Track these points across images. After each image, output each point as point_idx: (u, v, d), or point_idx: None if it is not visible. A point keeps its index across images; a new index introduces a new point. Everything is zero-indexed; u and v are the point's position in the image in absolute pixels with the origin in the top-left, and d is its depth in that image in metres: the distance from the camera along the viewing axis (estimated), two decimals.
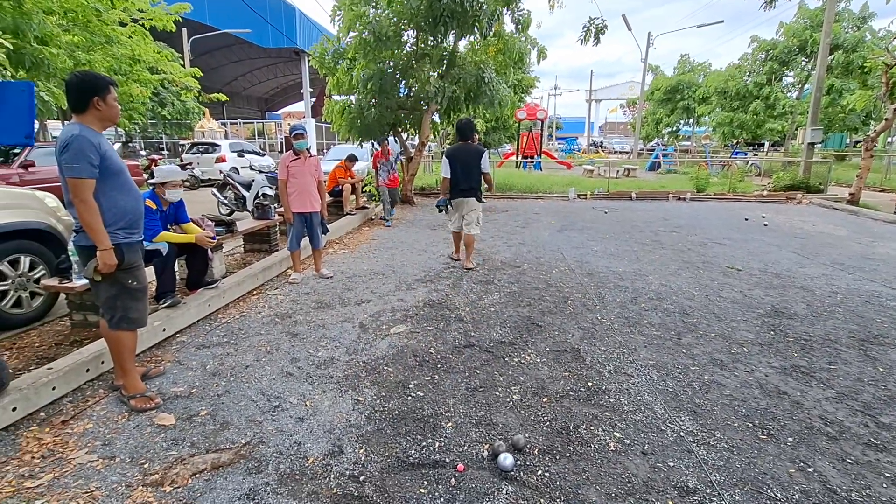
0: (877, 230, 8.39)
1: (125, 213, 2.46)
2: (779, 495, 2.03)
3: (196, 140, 17.12)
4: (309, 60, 9.84)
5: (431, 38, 8.91)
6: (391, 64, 9.00)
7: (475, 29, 8.26)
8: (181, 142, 19.15)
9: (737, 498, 2.02)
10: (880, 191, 14.83)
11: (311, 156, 4.95)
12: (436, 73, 8.60)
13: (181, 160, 14.32)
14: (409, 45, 9.25)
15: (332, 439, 2.37)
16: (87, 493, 1.98)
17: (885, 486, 2.10)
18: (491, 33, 8.59)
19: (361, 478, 2.10)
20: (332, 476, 2.11)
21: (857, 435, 2.48)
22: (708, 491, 2.05)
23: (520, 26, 9.25)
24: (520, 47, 9.00)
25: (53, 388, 2.60)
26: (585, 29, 9.11)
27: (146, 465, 2.15)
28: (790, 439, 2.43)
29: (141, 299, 2.60)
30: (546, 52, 9.24)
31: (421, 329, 3.77)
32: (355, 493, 2.00)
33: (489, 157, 5.69)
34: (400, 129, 10.39)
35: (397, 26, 8.45)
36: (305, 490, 2.02)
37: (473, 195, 5.34)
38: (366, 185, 9.95)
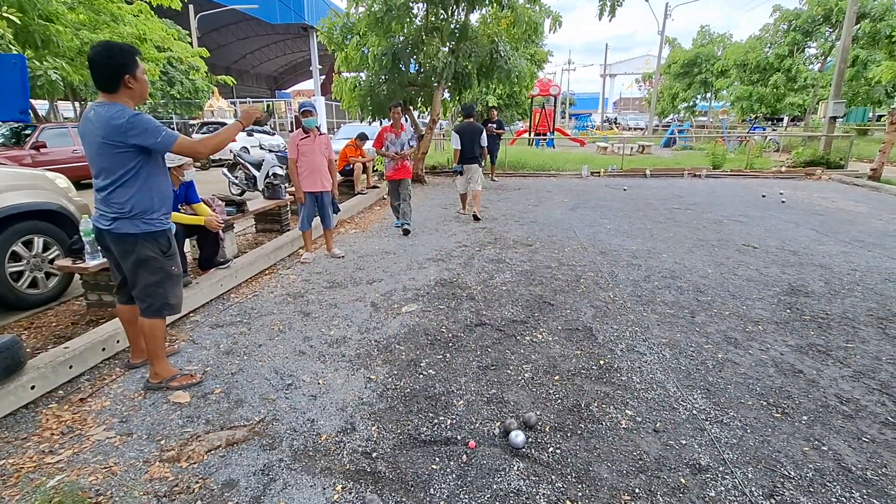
0: None
1: (168, 198, 2.46)
2: (792, 473, 2.02)
3: (206, 120, 17.08)
4: (317, 36, 9.65)
5: (443, 11, 8.68)
6: (401, 39, 8.81)
7: (489, 0, 8.00)
8: (191, 121, 19.11)
9: (749, 476, 2.00)
10: None
11: (320, 134, 4.90)
12: (446, 48, 8.38)
13: None
14: (419, 18, 9.02)
15: (345, 417, 2.39)
16: (105, 468, 2.03)
17: None
18: (509, 3, 8.32)
19: (374, 454, 2.12)
20: (346, 453, 2.14)
21: (874, 413, 2.44)
22: (721, 469, 2.04)
23: None
24: (533, 17, 8.72)
25: (70, 367, 2.65)
26: (601, 3, 8.79)
27: (163, 442, 2.20)
28: (805, 418, 2.40)
29: (180, 284, 2.60)
30: (561, 20, 8.94)
31: (433, 308, 3.76)
32: (368, 470, 2.03)
33: (485, 134, 7.16)
34: (411, 107, 10.24)
35: None
36: (319, 466, 2.05)
37: (476, 162, 6.98)
38: (376, 165, 9.87)
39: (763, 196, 9.05)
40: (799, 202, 8.45)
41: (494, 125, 10.33)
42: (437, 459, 2.10)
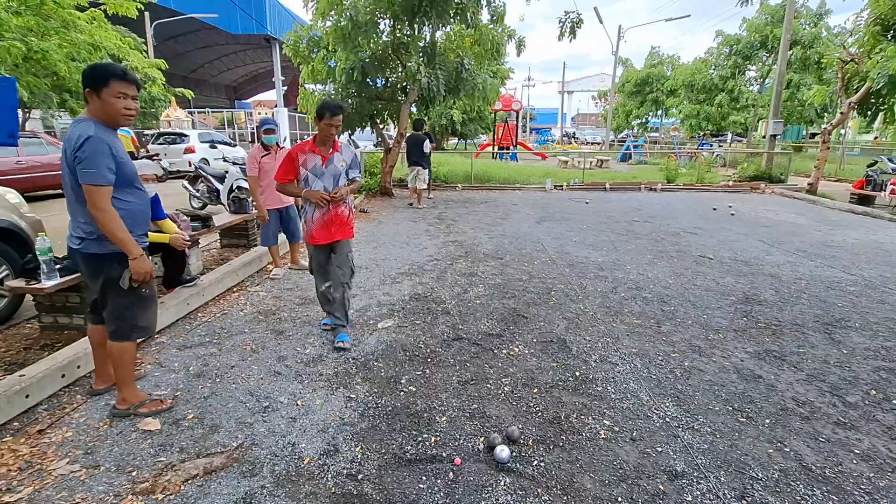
0: (834, 218, 8.84)
1: (140, 218, 2.34)
2: (760, 475, 2.14)
3: (162, 130, 16.44)
4: (282, 48, 9.55)
5: (409, 28, 8.80)
6: (368, 53, 8.85)
7: (456, 18, 8.18)
8: (146, 132, 18.32)
9: (722, 479, 2.11)
10: (835, 180, 15.58)
11: (280, 149, 4.83)
12: (418, 65, 8.50)
13: (147, 151, 13.73)
14: (385, 34, 9.11)
15: (327, 438, 2.35)
16: None
17: (854, 462, 2.24)
18: (474, 22, 8.54)
19: (359, 476, 2.10)
20: (330, 476, 2.10)
21: (827, 414, 2.63)
22: (695, 474, 2.14)
23: (495, 17, 9.24)
24: (496, 38, 8.99)
25: (27, 396, 2.48)
26: (562, 24, 9.17)
27: (134, 473, 2.09)
28: (767, 421, 2.55)
29: (151, 307, 2.48)
30: (525, 44, 9.27)
31: (409, 323, 3.76)
32: (354, 492, 2.00)
33: (431, 145, 9.23)
34: (378, 121, 10.26)
35: (373, 14, 8.30)
36: (303, 491, 2.01)
37: (419, 165, 9.02)
38: None
39: (714, 209, 9.59)
40: (746, 214, 9.02)
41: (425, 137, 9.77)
42: (424, 478, 2.09)
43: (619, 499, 1.99)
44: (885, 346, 3.47)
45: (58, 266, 3.13)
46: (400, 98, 9.95)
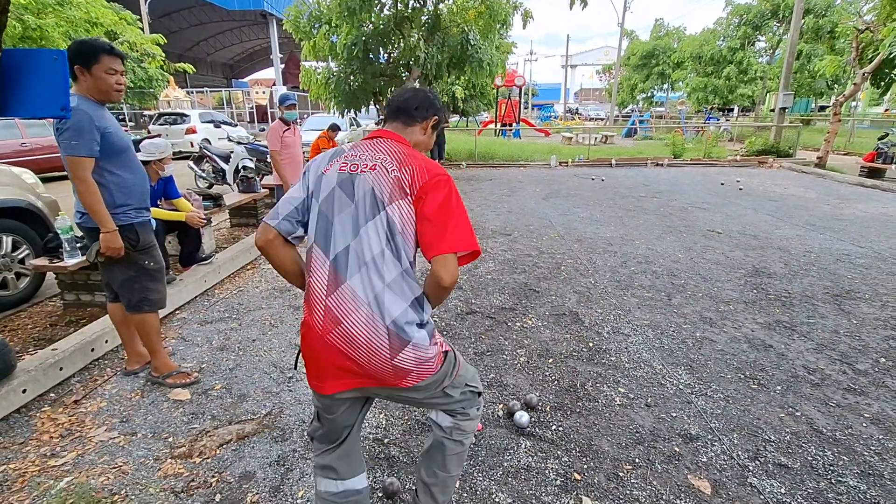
0: (843, 192, 8.79)
1: (135, 192, 2.35)
2: (772, 437, 2.22)
3: (162, 111, 16.30)
4: (283, 24, 9.39)
5: (412, 0, 8.62)
6: (370, 27, 8.71)
7: None
8: (146, 112, 18.17)
9: (735, 441, 2.19)
10: (844, 154, 15.41)
11: (297, 127, 4.85)
12: (420, 39, 8.35)
13: (149, 132, 13.66)
14: (387, 7, 8.93)
15: None
16: (115, 468, 2.00)
17: (864, 425, 2.31)
18: None
19: (385, 440, 2.18)
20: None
21: (837, 381, 2.69)
22: (709, 437, 2.22)
23: None
24: (504, 7, 8.80)
25: (61, 369, 2.56)
26: None
27: (170, 439, 2.17)
28: (778, 388, 2.62)
29: (159, 279, 2.53)
30: (531, 15, 9.07)
31: None
32: (382, 455, 2.09)
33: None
34: (381, 98, 10.15)
35: None
36: None
37: None
38: None
39: (722, 184, 9.54)
40: (754, 189, 8.97)
41: None
42: None
43: (637, 460, 2.07)
44: (895, 316, 3.52)
45: (79, 245, 3.19)
46: (403, 74, 9.82)
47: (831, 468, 2.03)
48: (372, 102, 10.01)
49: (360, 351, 1.25)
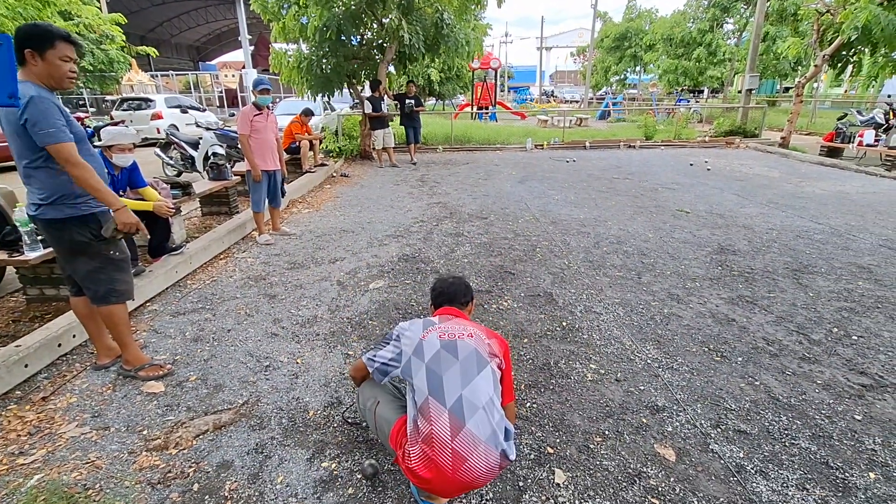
0: (804, 171, 9.12)
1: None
2: (733, 406, 2.34)
3: (126, 95, 15.60)
4: (251, 4, 9.05)
5: None
6: (342, 8, 8.48)
7: None
8: (107, 97, 17.36)
9: (699, 411, 2.30)
10: (807, 134, 15.94)
11: (271, 112, 4.73)
12: (399, 19, 8.17)
13: (111, 118, 13.08)
14: None
15: (329, 392, 2.45)
16: (88, 463, 1.98)
17: (816, 391, 2.46)
18: None
19: (364, 424, 2.21)
20: (335, 425, 2.21)
21: (794, 351, 2.84)
22: (674, 408, 2.33)
23: None
24: None
25: (26, 366, 2.50)
26: None
27: (145, 432, 2.16)
28: (739, 359, 2.75)
29: (126, 269, 2.47)
30: None
31: (399, 283, 3.84)
32: (361, 439, 2.12)
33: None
34: (354, 81, 9.95)
35: None
36: (311, 439, 2.12)
37: (385, 126, 9.38)
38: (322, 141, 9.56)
39: (691, 164, 9.78)
40: (722, 169, 9.23)
41: (412, 101, 9.55)
42: None
43: (607, 432, 2.16)
44: (847, 288, 3.72)
45: (40, 237, 3.07)
46: (377, 56, 9.64)
47: (786, 432, 2.16)
48: (346, 86, 9.80)
49: (483, 479, 1.58)
